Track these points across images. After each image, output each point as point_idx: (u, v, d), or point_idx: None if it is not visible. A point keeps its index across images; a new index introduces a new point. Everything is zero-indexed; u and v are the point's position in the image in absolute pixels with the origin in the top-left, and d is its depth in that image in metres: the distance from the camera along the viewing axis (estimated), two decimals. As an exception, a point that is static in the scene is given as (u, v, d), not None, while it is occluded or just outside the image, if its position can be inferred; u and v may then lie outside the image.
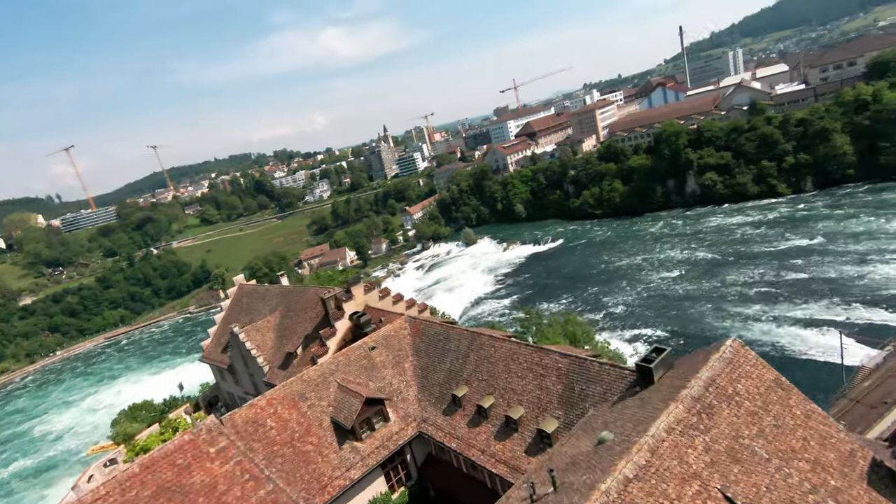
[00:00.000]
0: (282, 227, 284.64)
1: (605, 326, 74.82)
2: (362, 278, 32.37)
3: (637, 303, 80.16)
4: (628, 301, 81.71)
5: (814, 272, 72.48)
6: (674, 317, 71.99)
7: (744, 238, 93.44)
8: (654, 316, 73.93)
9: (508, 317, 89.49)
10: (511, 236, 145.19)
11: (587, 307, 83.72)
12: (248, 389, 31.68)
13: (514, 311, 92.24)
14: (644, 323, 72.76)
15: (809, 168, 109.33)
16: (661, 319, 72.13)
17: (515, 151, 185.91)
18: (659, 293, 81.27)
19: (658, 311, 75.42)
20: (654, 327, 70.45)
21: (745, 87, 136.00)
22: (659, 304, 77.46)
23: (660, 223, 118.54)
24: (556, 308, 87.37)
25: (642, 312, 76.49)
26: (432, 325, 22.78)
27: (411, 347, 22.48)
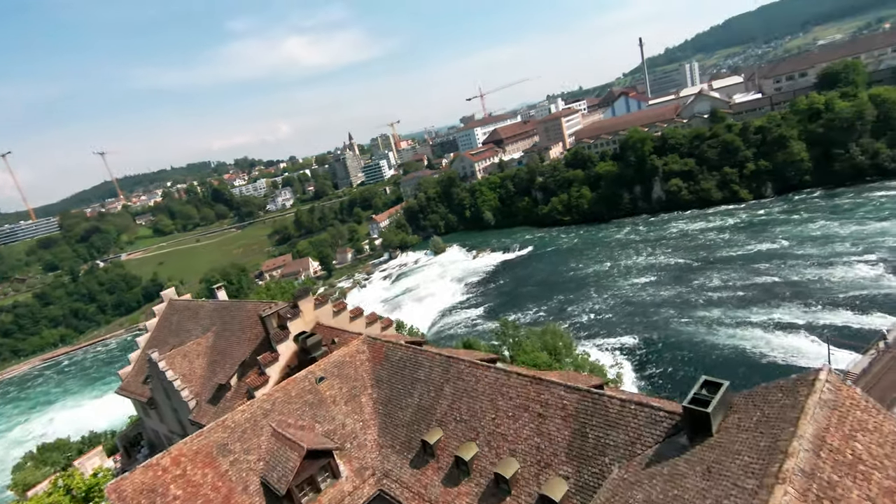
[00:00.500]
0: (241, 237, 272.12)
1: (578, 335, 72.01)
2: (312, 290, 27.58)
3: (609, 310, 78.04)
4: (600, 308, 79.51)
5: (780, 276, 72.39)
6: (647, 323, 70.02)
7: (710, 243, 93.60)
8: (628, 323, 71.82)
9: (480, 327, 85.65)
10: (480, 244, 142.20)
11: (559, 315, 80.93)
12: (173, 428, 26.08)
13: (486, 321, 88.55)
14: (618, 330, 70.45)
15: (769, 174, 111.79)
16: (635, 326, 70.00)
17: (483, 158, 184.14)
18: (631, 299, 79.51)
19: (631, 317, 73.41)
20: (629, 334, 68.20)
21: (705, 96, 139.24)
22: (631, 311, 75.53)
23: (628, 229, 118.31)
24: (529, 317, 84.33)
25: (615, 319, 74.31)
26: (397, 348, 18.30)
27: (371, 376, 17.94)
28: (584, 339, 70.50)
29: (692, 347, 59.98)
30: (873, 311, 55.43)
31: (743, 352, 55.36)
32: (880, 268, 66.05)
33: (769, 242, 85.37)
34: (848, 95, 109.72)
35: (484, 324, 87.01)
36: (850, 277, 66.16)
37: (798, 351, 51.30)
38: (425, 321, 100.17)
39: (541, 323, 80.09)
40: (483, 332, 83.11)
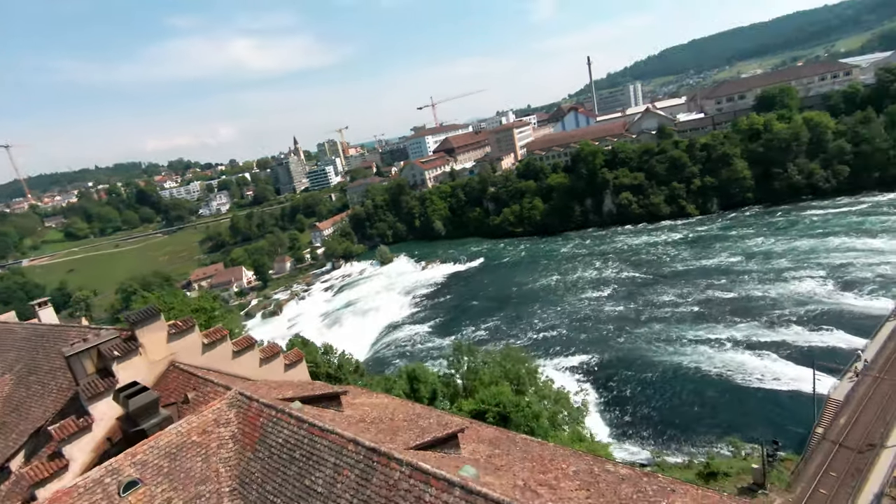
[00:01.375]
0: (168, 243, 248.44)
1: (536, 353, 66.40)
2: (166, 311, 19.13)
3: (565, 325, 73.35)
4: (556, 324, 74.67)
5: (734, 291, 71.01)
6: (606, 341, 65.75)
7: (662, 257, 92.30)
8: (586, 340, 67.23)
9: (429, 346, 78.19)
10: (430, 255, 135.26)
11: (513, 331, 75.28)
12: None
13: (435, 337, 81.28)
14: (576, 348, 65.58)
15: (714, 190, 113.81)
16: (593, 344, 65.46)
17: (434, 167, 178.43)
18: (587, 315, 75.39)
19: (588, 334, 68.98)
20: (588, 353, 63.45)
21: (653, 113, 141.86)
22: (588, 327, 71.21)
23: (579, 241, 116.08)
24: (482, 333, 78.01)
25: (572, 336, 69.58)
26: (284, 421, 10.39)
27: (232, 476, 10.11)
28: (542, 357, 64.90)
29: (653, 367, 55.85)
30: (832, 329, 53.84)
31: (727, 377, 50.89)
32: (829, 284, 65.87)
33: (719, 257, 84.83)
34: (783, 118, 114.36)
35: (433, 341, 79.67)
36: (801, 293, 65.46)
37: (786, 376, 47.96)
38: (368, 338, 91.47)
39: (495, 339, 74.13)
40: (432, 350, 75.79)
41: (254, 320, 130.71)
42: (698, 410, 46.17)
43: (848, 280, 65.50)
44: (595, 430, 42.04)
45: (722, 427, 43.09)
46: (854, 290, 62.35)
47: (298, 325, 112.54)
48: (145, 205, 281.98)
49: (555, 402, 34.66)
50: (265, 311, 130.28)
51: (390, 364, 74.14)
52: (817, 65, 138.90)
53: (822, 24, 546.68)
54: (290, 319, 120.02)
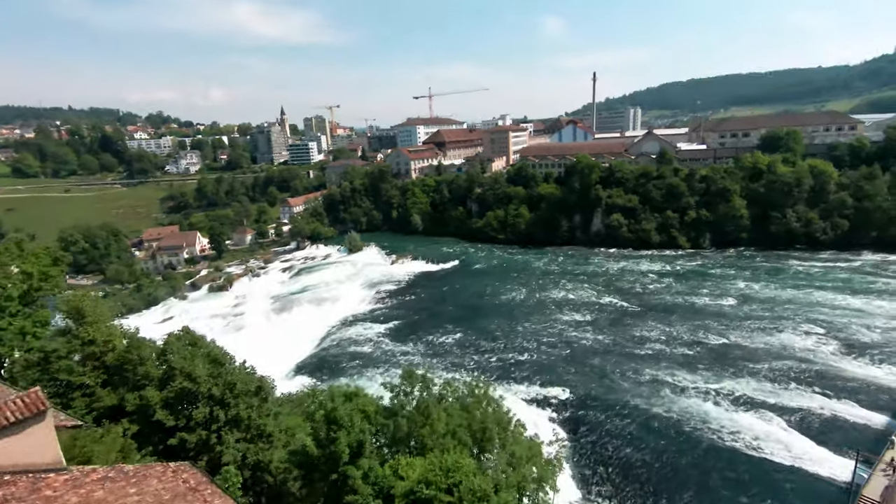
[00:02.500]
0: (127, 196, 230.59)
1: (504, 377, 58.02)
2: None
3: (541, 350, 65.23)
4: (532, 346, 66.47)
5: (727, 337, 64.37)
6: (585, 373, 57.90)
7: (650, 288, 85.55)
8: (563, 370, 59.22)
9: (385, 349, 68.76)
10: (402, 249, 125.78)
11: (483, 349, 66.69)
12: None
13: (393, 341, 71.94)
14: (552, 378, 57.44)
15: (708, 225, 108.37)
16: (571, 376, 57.49)
17: (421, 158, 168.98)
18: (567, 340, 67.51)
19: (566, 363, 61.02)
20: (564, 385, 55.40)
21: (655, 136, 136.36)
22: (567, 355, 63.27)
23: (565, 258, 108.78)
24: (446, 345, 69.12)
25: (547, 363, 61.47)
26: None
27: None
28: (512, 382, 56.57)
29: (639, 416, 48.10)
30: (845, 399, 47.20)
31: (722, 438, 43.29)
32: (832, 344, 59.77)
33: (711, 297, 78.50)
34: (788, 161, 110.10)
35: (390, 345, 70.30)
36: (801, 349, 59.14)
37: (773, 439, 40.91)
38: (317, 330, 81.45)
39: (460, 354, 65.45)
40: (387, 356, 66.47)
41: (198, 292, 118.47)
42: (693, 477, 38.42)
43: (851, 342, 59.56)
44: (568, 493, 33.75)
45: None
46: (859, 355, 56.28)
47: (245, 304, 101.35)
48: (108, 152, 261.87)
49: (526, 460, 25.98)
50: (213, 284, 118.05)
51: (335, 368, 64.51)
52: (823, 114, 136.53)
53: (814, 84, 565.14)
54: (237, 297, 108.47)
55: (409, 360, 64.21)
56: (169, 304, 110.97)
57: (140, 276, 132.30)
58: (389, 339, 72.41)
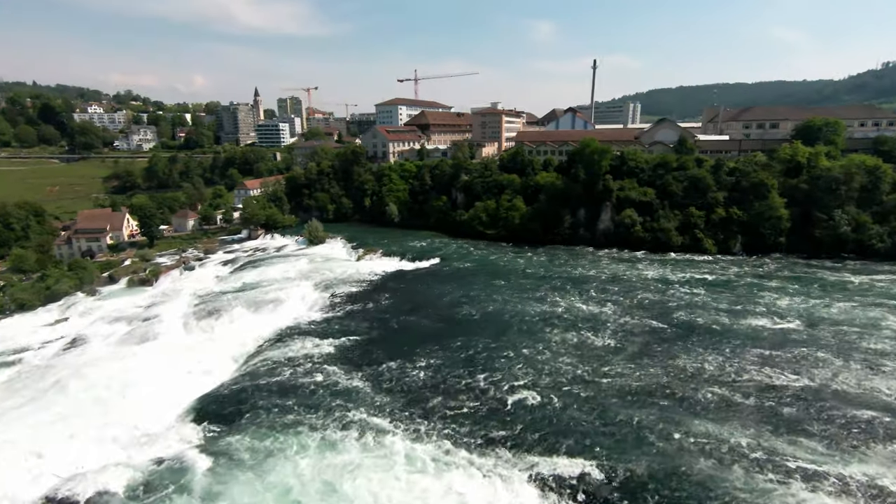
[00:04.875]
0: (65, 172, 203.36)
1: (498, 440, 38.22)
2: None
3: (549, 389, 45.68)
4: (534, 384, 46.85)
5: (817, 378, 45.89)
6: (620, 433, 38.62)
7: (683, 302, 66.95)
8: (586, 426, 39.84)
9: (325, 382, 48.11)
10: (372, 243, 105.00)
11: (465, 387, 46.70)
12: None
13: (340, 367, 51.36)
14: (570, 441, 37.98)
15: (740, 226, 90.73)
16: (599, 437, 38.18)
17: (402, 140, 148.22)
18: (582, 375, 48.16)
19: (588, 413, 41.64)
20: (591, 455, 35.94)
21: (671, 123, 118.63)
22: (587, 399, 43.89)
23: (568, 259, 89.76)
24: (412, 377, 48.87)
25: (562, 413, 41.94)
26: None
27: None
28: (511, 448, 36.85)
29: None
30: None
31: None
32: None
33: (767, 317, 60.21)
34: (830, 155, 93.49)
35: (335, 376, 49.67)
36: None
37: None
38: (244, 345, 60.52)
39: (431, 393, 45.20)
40: (327, 397, 45.84)
41: (114, 287, 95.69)
42: None
43: None
44: None
45: None
46: None
47: (164, 304, 79.33)
48: (50, 123, 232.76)
49: None
50: (134, 277, 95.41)
51: (250, 413, 43.65)
52: (857, 107, 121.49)
53: (800, 96, 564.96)
54: (160, 294, 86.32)
55: (359, 402, 43.84)
56: (71, 301, 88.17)
57: (51, 264, 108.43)
58: (337, 366, 51.70)
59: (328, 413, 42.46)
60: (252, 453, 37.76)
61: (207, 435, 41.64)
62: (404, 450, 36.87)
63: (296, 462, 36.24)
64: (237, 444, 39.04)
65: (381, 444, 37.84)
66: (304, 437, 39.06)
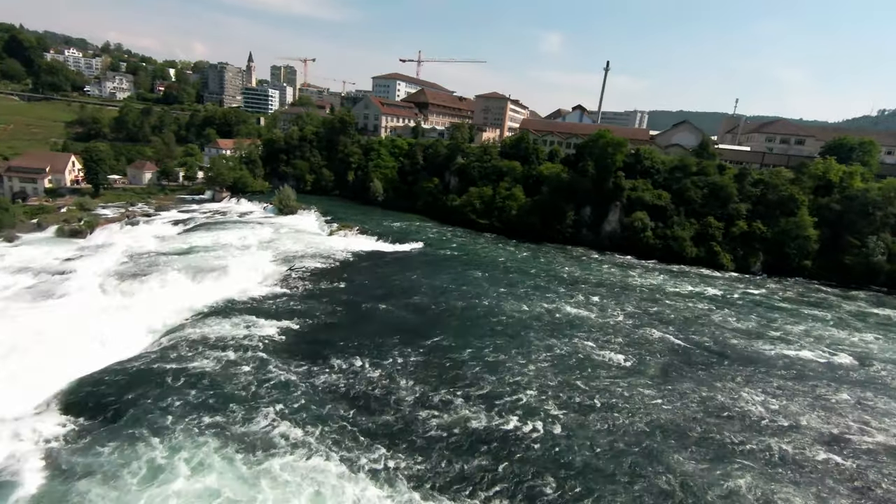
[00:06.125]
0: (24, 111, 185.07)
1: (474, 478, 26.90)
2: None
3: (547, 412, 34.71)
4: (528, 401, 35.79)
5: (883, 434, 35.62)
6: (642, 488, 27.49)
7: (706, 320, 56.73)
8: (590, 469, 29.10)
9: (253, 378, 36.05)
10: (349, 219, 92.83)
11: (439, 396, 35.24)
12: None
13: (280, 358, 39.34)
14: (570, 488, 26.70)
15: (763, 243, 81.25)
16: (610, 491, 26.95)
17: (396, 116, 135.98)
18: (588, 397, 37.24)
19: (595, 451, 30.93)
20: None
21: (691, 126, 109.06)
22: (594, 431, 33.18)
23: (571, 260, 79.09)
24: (371, 375, 37.17)
25: (562, 448, 31.08)
26: None
27: None
28: (490, 497, 25.46)
29: None
30: None
31: None
32: None
33: (813, 348, 50.18)
34: (864, 177, 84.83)
35: (269, 370, 37.62)
36: None
37: None
38: (171, 316, 48.11)
39: (395, 418, 33.54)
40: (248, 403, 33.75)
41: (41, 234, 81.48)
42: None
43: None
44: None
45: None
46: None
47: (87, 259, 66.05)
48: (16, 58, 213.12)
49: None
50: (64, 226, 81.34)
51: (135, 404, 31.43)
52: (886, 133, 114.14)
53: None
54: (90, 248, 72.77)
55: (289, 407, 31.94)
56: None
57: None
58: (276, 355, 39.61)
59: (244, 419, 30.56)
60: (113, 467, 25.71)
61: (67, 432, 29.37)
62: (334, 492, 25.22)
63: (166, 489, 24.31)
64: (100, 451, 26.96)
65: (304, 475, 26.12)
66: (196, 450, 27.09)
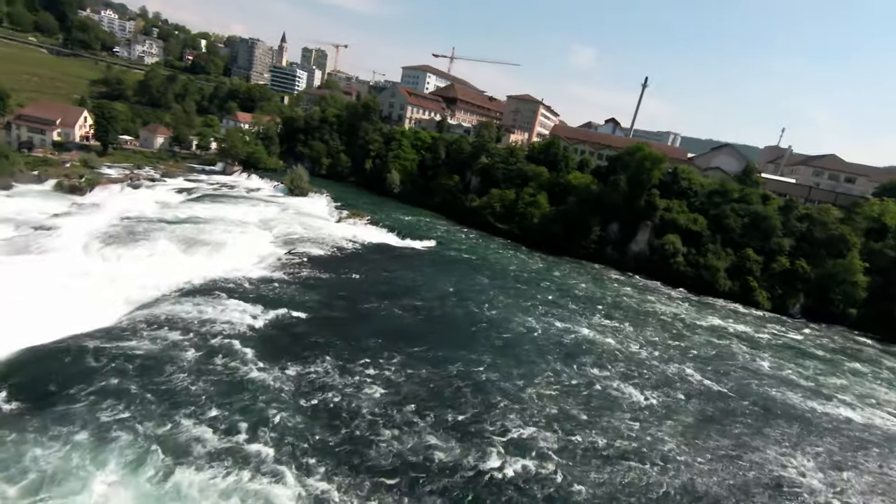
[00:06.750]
0: (51, 65, 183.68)
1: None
2: None
3: (561, 456, 29.05)
4: (541, 441, 30.12)
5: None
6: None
7: (743, 363, 50.43)
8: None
9: (229, 377, 30.84)
10: (361, 208, 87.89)
11: (413, 425, 29.70)
12: None
13: (265, 356, 34.11)
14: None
15: (804, 284, 74.43)
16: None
17: (422, 107, 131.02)
18: (610, 443, 31.41)
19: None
20: None
21: (734, 150, 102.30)
22: (618, 487, 26.98)
23: (590, 279, 73.03)
24: (364, 387, 31.74)
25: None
26: None
27: None
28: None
29: None
30: None
31: None
32: None
33: (879, 414, 43.56)
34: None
35: (247, 362, 32.42)
36: None
37: None
38: (150, 288, 43.50)
39: (385, 424, 28.12)
40: (219, 390, 28.54)
41: (38, 187, 77.74)
42: None
43: None
44: None
45: None
46: None
47: (77, 217, 62.01)
48: (52, 13, 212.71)
49: None
50: (64, 181, 77.50)
51: (75, 387, 26.37)
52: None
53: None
54: (85, 207, 68.84)
55: (256, 419, 26.62)
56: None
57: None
58: (257, 348, 34.36)
59: (180, 422, 25.24)
60: (4, 464, 20.56)
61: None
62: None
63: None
64: (6, 445, 21.82)
65: (214, 495, 20.74)
66: (105, 454, 21.84)
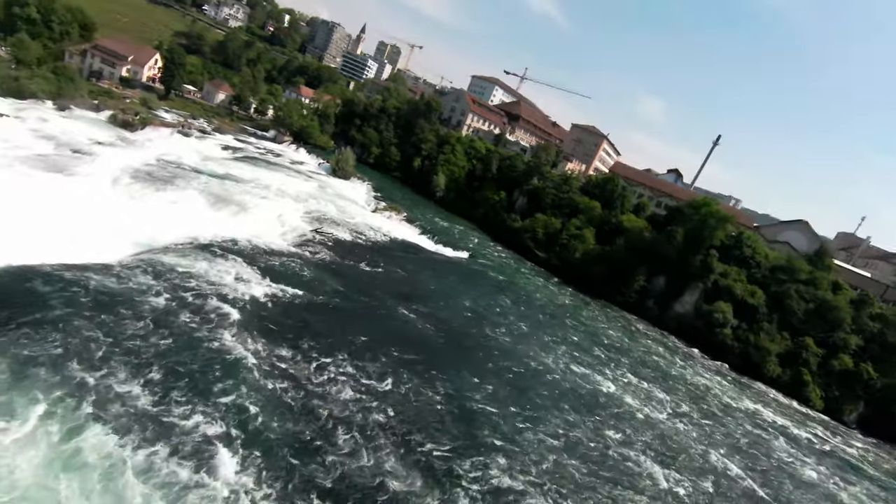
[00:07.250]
0: (143, 11, 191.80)
1: None
2: None
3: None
4: (511, 501, 24.50)
5: None
6: None
7: (792, 468, 43.40)
8: None
9: (206, 337, 27.07)
10: (399, 203, 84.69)
11: (380, 461, 24.90)
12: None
13: (257, 327, 30.31)
14: None
15: (867, 391, 65.73)
16: None
17: (483, 118, 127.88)
18: None
19: None
20: None
21: (806, 227, 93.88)
22: None
23: (626, 331, 66.77)
24: (368, 398, 27.31)
25: None
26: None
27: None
28: None
29: None
30: None
31: None
32: None
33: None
34: None
35: (235, 337, 28.62)
36: None
37: None
38: (164, 235, 40.87)
39: (390, 442, 23.62)
40: (188, 367, 24.77)
41: (94, 115, 78.21)
42: None
43: None
44: None
45: None
46: None
47: (117, 149, 61.05)
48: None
49: None
50: (119, 114, 77.62)
51: (43, 321, 22.98)
52: None
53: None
54: (131, 142, 68.34)
55: (223, 413, 22.58)
56: (30, 105, 70.85)
57: (59, 69, 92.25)
58: (251, 326, 30.64)
59: (127, 379, 21.39)
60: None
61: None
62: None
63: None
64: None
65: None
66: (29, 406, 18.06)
